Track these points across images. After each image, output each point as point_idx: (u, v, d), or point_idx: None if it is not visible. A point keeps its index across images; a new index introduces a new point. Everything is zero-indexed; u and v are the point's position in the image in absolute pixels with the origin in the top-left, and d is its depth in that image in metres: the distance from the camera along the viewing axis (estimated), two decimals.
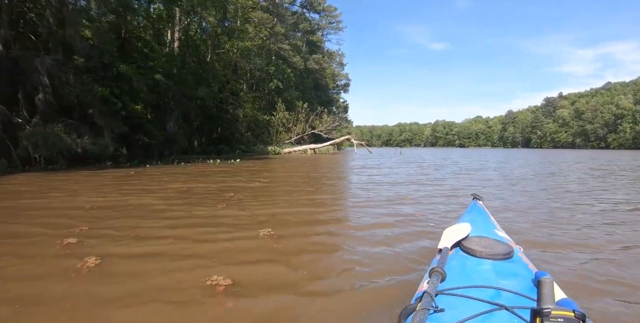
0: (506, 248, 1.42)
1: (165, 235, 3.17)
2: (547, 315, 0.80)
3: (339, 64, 53.26)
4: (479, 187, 7.00)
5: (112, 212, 4.17)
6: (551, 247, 2.87)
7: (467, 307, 1.02)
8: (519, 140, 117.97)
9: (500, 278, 1.21)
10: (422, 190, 6.53)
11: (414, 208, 4.60)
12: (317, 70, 34.97)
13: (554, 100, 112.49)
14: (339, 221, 3.91)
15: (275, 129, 26.15)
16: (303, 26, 34.84)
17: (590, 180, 8.84)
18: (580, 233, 3.39)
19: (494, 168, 13.33)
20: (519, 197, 5.66)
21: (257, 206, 4.60)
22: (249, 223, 3.65)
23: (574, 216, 4.19)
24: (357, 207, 4.68)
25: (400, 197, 5.61)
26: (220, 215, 4.01)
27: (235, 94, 23.46)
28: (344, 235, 3.31)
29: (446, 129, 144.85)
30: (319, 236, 3.25)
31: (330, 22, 42.78)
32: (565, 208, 4.69)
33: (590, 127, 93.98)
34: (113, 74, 11.94)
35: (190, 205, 4.64)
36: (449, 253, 1.50)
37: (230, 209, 4.40)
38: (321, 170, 10.94)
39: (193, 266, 2.35)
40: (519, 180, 8.56)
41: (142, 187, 6.50)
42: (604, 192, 6.48)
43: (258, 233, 3.18)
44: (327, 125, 29.11)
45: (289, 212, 4.27)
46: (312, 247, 2.88)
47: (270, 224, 3.55)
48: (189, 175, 8.94)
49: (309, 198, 5.39)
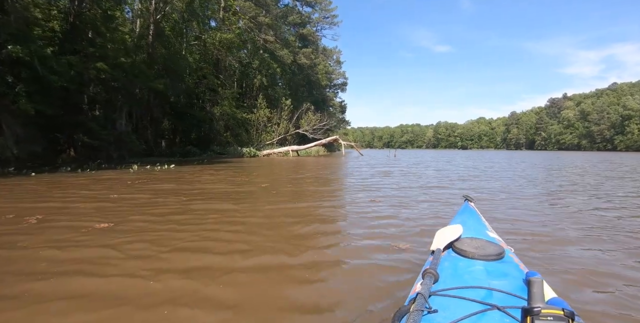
0: (497, 249, 1.43)
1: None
2: (537, 314, 0.81)
3: (337, 62, 51.01)
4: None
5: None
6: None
7: (460, 308, 1.03)
8: (523, 142, 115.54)
9: (492, 278, 1.22)
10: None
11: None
12: (308, 66, 32.24)
13: (558, 101, 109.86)
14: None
15: (255, 128, 23.41)
16: (292, 18, 32.34)
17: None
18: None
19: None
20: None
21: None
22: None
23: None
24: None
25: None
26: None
27: (213, 90, 21.14)
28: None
29: (448, 130, 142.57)
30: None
31: (325, 17, 40.40)
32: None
33: (597, 129, 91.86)
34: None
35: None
36: (441, 255, 1.50)
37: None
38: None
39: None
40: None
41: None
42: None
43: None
44: (312, 125, 26.29)
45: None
46: None
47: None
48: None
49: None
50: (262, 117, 23.32)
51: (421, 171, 11.64)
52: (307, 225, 3.55)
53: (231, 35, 23.34)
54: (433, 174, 10.41)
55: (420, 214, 4.18)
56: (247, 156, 19.91)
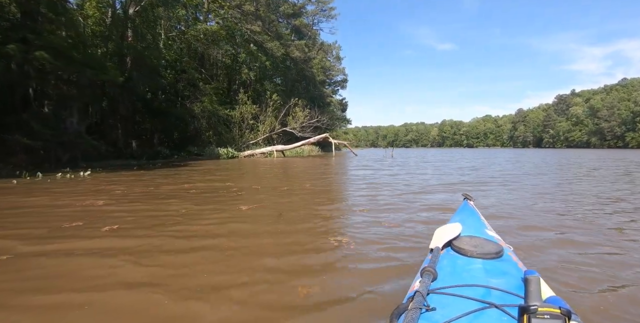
0: (496, 248, 1.41)
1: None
2: (534, 312, 0.80)
3: (336, 58, 49.11)
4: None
5: None
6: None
7: (458, 306, 1.02)
8: (530, 139, 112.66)
9: (491, 277, 1.20)
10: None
11: None
12: (302, 59, 30.21)
13: (566, 97, 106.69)
14: None
15: (238, 126, 21.44)
16: (284, 8, 30.31)
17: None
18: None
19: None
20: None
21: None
22: None
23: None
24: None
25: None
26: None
27: (194, 85, 19.37)
28: None
29: (453, 128, 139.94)
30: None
31: (322, 9, 38.40)
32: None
33: (607, 125, 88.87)
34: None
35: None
36: (440, 253, 1.47)
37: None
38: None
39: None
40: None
41: None
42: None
43: None
44: (301, 122, 23.91)
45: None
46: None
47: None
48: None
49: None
50: (246, 114, 21.38)
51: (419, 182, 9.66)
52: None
53: (216, 27, 21.62)
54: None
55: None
56: (224, 157, 18.00)
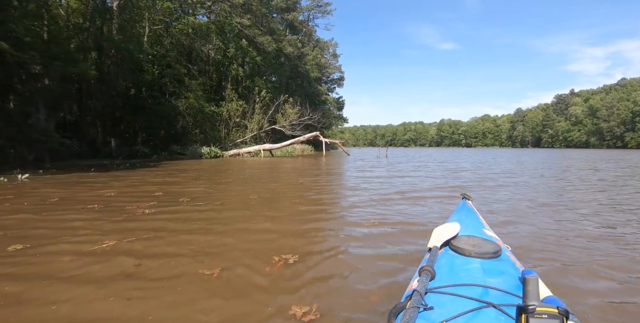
0: (494, 247, 1.41)
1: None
2: (532, 312, 0.79)
3: (333, 56, 48.17)
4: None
5: None
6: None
7: (456, 305, 1.02)
8: (529, 139, 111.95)
9: (488, 276, 1.20)
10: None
11: None
12: (295, 55, 29.26)
13: (565, 97, 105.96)
14: None
15: (225, 124, 20.56)
16: (277, 1, 29.34)
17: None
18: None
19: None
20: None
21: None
22: None
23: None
24: None
25: None
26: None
27: (179, 81, 18.48)
28: None
29: (452, 128, 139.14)
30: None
31: (318, 4, 37.42)
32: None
33: (606, 125, 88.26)
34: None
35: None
36: (438, 252, 1.47)
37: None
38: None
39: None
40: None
41: None
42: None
43: None
44: (290, 119, 22.81)
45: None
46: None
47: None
48: None
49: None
50: (233, 111, 20.46)
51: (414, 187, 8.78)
52: None
53: (205, 21, 20.75)
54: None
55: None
56: (206, 157, 17.14)
